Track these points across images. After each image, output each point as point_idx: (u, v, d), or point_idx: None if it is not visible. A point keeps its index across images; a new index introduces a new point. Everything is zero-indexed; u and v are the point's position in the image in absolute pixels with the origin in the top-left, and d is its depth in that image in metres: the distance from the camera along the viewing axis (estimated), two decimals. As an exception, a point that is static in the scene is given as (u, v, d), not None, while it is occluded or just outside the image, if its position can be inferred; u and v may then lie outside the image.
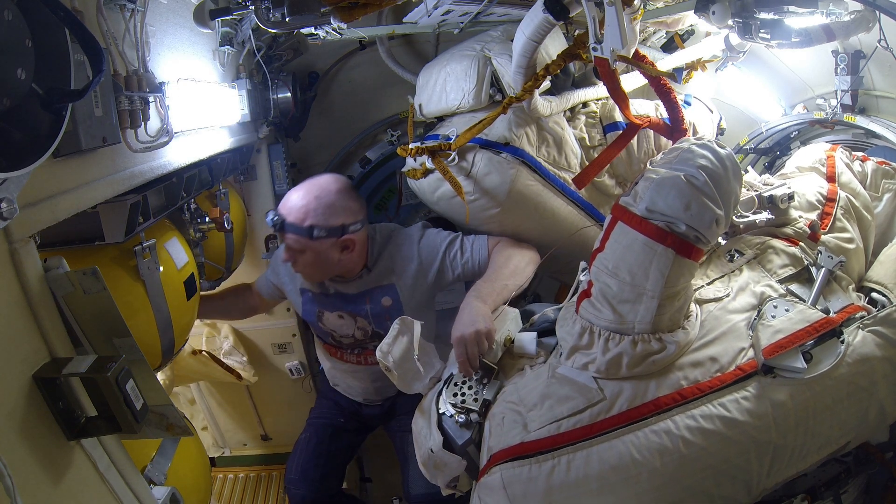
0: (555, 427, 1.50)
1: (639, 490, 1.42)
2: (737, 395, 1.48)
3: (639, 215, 1.52)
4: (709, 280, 1.81)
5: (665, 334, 1.54)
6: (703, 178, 1.51)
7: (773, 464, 1.49)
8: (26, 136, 1.03)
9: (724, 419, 1.45)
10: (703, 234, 1.50)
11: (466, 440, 1.61)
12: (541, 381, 1.63)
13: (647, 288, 1.50)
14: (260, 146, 3.13)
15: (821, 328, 1.56)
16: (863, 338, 1.59)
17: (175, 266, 1.97)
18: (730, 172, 1.58)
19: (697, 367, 1.54)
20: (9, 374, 1.07)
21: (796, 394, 1.49)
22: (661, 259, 1.48)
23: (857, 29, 2.17)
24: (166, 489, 1.60)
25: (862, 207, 2.05)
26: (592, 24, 1.69)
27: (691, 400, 1.47)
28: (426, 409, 1.76)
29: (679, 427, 1.44)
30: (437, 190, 2.45)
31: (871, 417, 1.59)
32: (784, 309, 1.62)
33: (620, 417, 1.47)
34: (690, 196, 1.48)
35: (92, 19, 1.41)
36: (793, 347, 1.52)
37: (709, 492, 1.46)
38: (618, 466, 1.42)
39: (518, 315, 1.93)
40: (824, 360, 1.53)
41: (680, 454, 1.42)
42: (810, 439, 1.52)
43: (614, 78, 1.88)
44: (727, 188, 1.55)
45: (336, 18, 1.93)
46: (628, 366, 1.52)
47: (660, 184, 1.51)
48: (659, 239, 1.48)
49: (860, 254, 1.97)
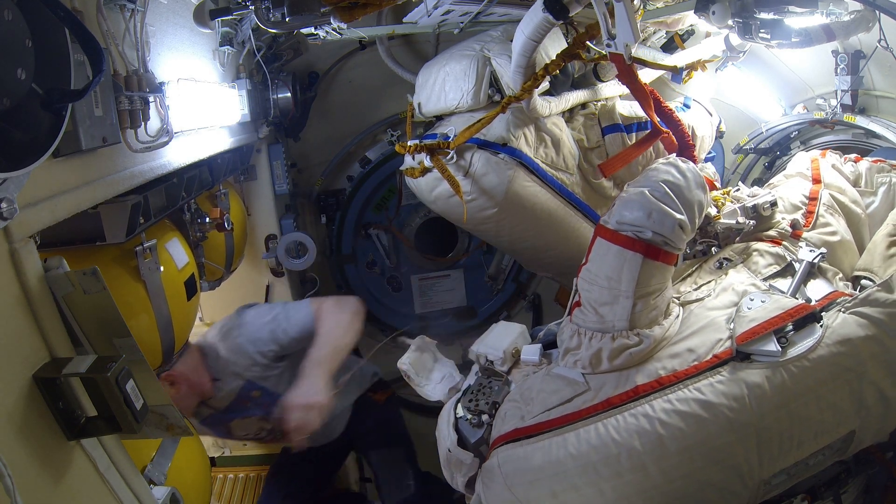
0: (546, 414, 1.64)
1: (619, 469, 1.51)
2: (711, 380, 1.56)
3: (612, 229, 1.70)
4: (696, 286, 1.91)
5: (642, 330, 1.67)
6: (663, 190, 1.69)
7: (762, 449, 1.52)
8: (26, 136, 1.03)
9: (699, 401, 1.53)
10: (668, 237, 1.66)
11: (479, 438, 1.75)
12: (538, 380, 1.77)
13: (621, 290, 1.66)
14: (260, 146, 3.13)
15: (796, 313, 1.61)
16: (843, 320, 1.62)
17: (176, 266, 1.97)
18: (691, 182, 1.75)
19: (675, 357, 1.64)
20: (9, 374, 1.07)
21: (772, 376, 1.54)
22: (631, 263, 1.65)
23: (857, 29, 2.18)
24: (166, 489, 1.60)
25: (850, 202, 2.08)
26: (603, 21, 1.72)
27: (668, 386, 1.57)
28: (445, 414, 1.90)
29: (656, 410, 1.54)
30: (434, 189, 2.46)
31: (871, 402, 1.59)
32: (760, 300, 1.70)
33: (603, 404, 1.60)
34: (651, 206, 1.67)
35: (92, 19, 1.41)
36: (765, 332, 1.58)
37: (694, 476, 1.50)
38: (598, 446, 1.53)
39: (525, 330, 2.07)
40: (800, 343, 1.58)
41: (657, 435, 1.51)
42: (798, 424, 1.54)
43: (632, 74, 1.90)
44: (688, 196, 1.73)
45: (336, 18, 1.93)
46: (608, 358, 1.66)
47: (626, 200, 1.73)
48: (628, 246, 1.66)
49: (848, 246, 2.00)
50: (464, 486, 1.84)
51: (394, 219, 4.09)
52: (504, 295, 4.42)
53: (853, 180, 2.16)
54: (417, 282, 4.39)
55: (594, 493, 1.52)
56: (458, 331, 4.32)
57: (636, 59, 1.79)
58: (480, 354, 1.97)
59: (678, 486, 1.50)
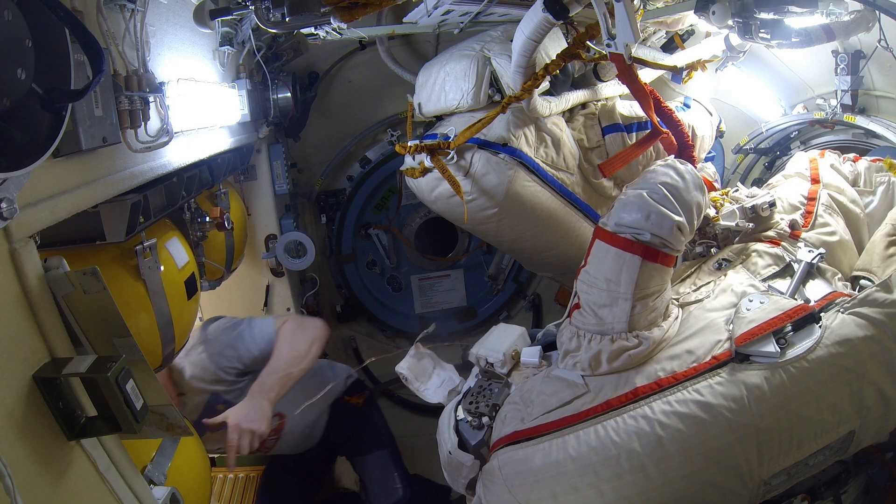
0: (545, 417, 1.64)
1: (619, 471, 1.51)
2: (710, 381, 1.56)
3: (610, 231, 1.70)
4: (695, 287, 1.91)
5: (641, 332, 1.67)
6: (661, 192, 1.69)
7: (762, 450, 1.52)
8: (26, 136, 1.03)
9: (698, 402, 1.53)
10: (666, 239, 1.66)
11: (479, 441, 1.75)
12: (538, 382, 1.78)
13: (620, 291, 1.66)
14: (260, 146, 3.13)
15: (794, 314, 1.61)
16: (842, 320, 1.62)
17: (176, 266, 1.97)
18: (689, 184, 1.75)
19: (674, 359, 1.64)
20: (9, 374, 1.07)
21: (771, 377, 1.54)
22: (630, 265, 1.64)
23: (857, 29, 2.18)
24: (166, 489, 1.60)
25: (849, 202, 2.08)
26: (603, 21, 1.73)
27: (667, 387, 1.58)
28: (445, 417, 1.91)
29: (655, 412, 1.54)
30: (434, 189, 2.46)
31: (871, 402, 1.59)
32: (759, 301, 1.69)
33: (602, 406, 1.60)
34: (649, 208, 1.66)
35: (92, 19, 1.41)
36: (764, 334, 1.57)
37: (694, 476, 1.50)
38: (598, 448, 1.54)
39: (525, 332, 2.07)
40: (799, 344, 1.58)
41: (657, 436, 1.51)
42: (798, 424, 1.54)
43: (632, 74, 1.91)
44: (686, 198, 1.72)
45: (336, 18, 1.93)
46: (608, 360, 1.66)
47: (625, 202, 1.72)
48: (626, 248, 1.65)
49: (847, 246, 2.00)
50: (465, 489, 1.85)
51: (394, 219, 4.09)
52: (504, 295, 4.42)
53: (852, 180, 2.16)
54: (417, 282, 4.39)
55: (594, 495, 1.53)
56: (458, 331, 4.33)
57: (636, 59, 1.79)
58: (480, 357, 1.98)
59: (678, 486, 1.51)
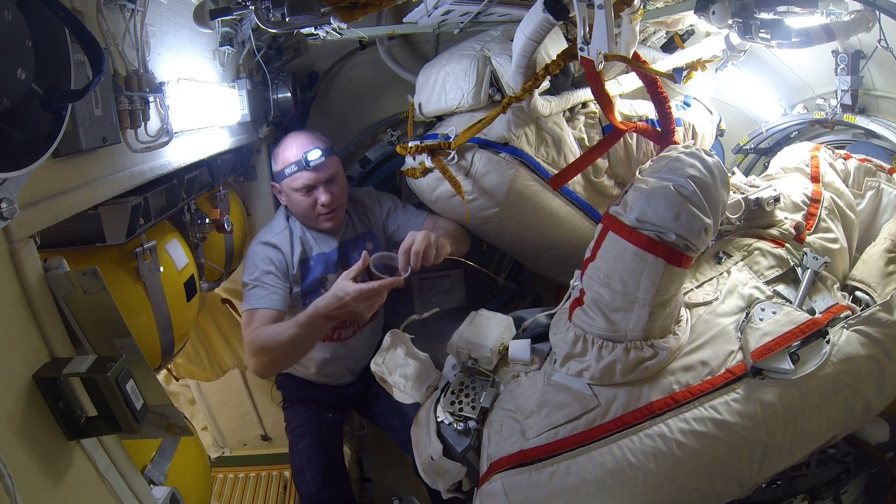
0: (552, 434, 1.53)
1: (635, 492, 1.46)
2: (727, 398, 1.52)
3: (629, 225, 1.52)
4: (698, 283, 1.85)
5: (657, 340, 1.57)
6: (691, 188, 1.51)
7: (764, 461, 1.53)
8: (26, 136, 1.02)
9: (715, 421, 1.48)
10: (692, 242, 1.51)
11: (466, 447, 1.65)
12: (537, 389, 1.67)
13: (638, 297, 1.51)
14: (260, 146, 3.13)
15: (807, 329, 1.59)
16: (847, 337, 1.62)
17: (175, 267, 1.97)
18: (717, 181, 1.60)
19: (689, 371, 1.58)
20: (9, 374, 1.07)
21: (784, 394, 1.53)
22: (652, 269, 1.49)
23: (857, 29, 2.18)
24: (166, 489, 1.60)
25: (846, 207, 2.07)
26: (582, 25, 1.70)
27: (683, 403, 1.51)
28: (424, 417, 1.80)
29: (672, 430, 1.48)
30: (435, 189, 2.45)
31: (858, 412, 1.63)
32: (771, 311, 1.65)
33: (616, 423, 1.51)
34: (680, 206, 1.48)
35: (92, 19, 1.41)
36: (780, 350, 1.55)
37: (702, 490, 1.50)
38: (615, 470, 1.46)
39: (511, 322, 1.96)
40: (810, 361, 1.57)
41: (674, 456, 1.46)
42: (799, 436, 1.55)
43: (599, 80, 1.89)
44: (715, 196, 1.57)
45: (336, 18, 1.92)
46: (622, 372, 1.56)
47: (649, 194, 1.52)
48: (649, 249, 1.48)
49: (844, 253, 1.99)
50: (446, 490, 1.76)
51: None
52: (504, 295, 4.42)
53: (843, 178, 2.16)
54: (417, 282, 4.39)
55: None
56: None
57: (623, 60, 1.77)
58: (461, 350, 1.83)
59: (684, 499, 1.50)
